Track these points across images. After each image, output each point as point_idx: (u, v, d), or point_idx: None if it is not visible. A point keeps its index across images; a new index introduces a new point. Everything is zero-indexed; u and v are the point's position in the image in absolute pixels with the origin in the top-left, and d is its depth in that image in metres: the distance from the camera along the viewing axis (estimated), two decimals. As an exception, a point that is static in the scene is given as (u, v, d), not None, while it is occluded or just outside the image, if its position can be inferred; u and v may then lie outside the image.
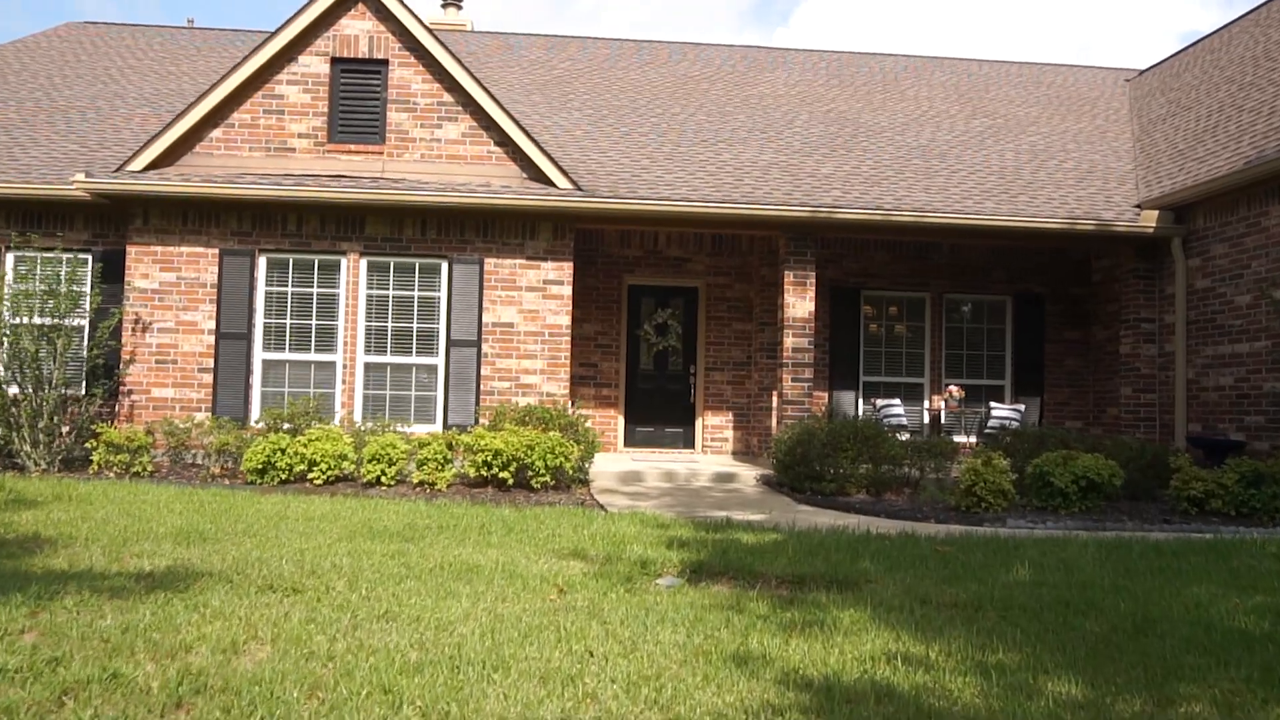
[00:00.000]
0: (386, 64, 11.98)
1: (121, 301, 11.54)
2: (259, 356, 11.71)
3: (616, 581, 5.76)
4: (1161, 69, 17.61)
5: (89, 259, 12.03)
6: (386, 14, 11.87)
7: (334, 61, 11.95)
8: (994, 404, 14.00)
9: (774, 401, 13.01)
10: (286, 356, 11.75)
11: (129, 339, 11.53)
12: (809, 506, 9.78)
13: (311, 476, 10.00)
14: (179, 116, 11.64)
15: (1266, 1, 15.93)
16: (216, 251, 11.69)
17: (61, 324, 10.85)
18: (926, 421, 14.24)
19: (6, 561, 5.75)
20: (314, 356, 11.77)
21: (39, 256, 11.67)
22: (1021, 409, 13.75)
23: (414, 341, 11.85)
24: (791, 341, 12.18)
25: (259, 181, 11.50)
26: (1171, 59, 17.64)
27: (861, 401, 14.16)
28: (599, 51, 18.30)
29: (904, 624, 4.86)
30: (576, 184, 11.81)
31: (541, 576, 5.84)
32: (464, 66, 11.90)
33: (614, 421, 14.21)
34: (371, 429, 10.91)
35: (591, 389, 14.12)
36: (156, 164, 11.57)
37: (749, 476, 11.58)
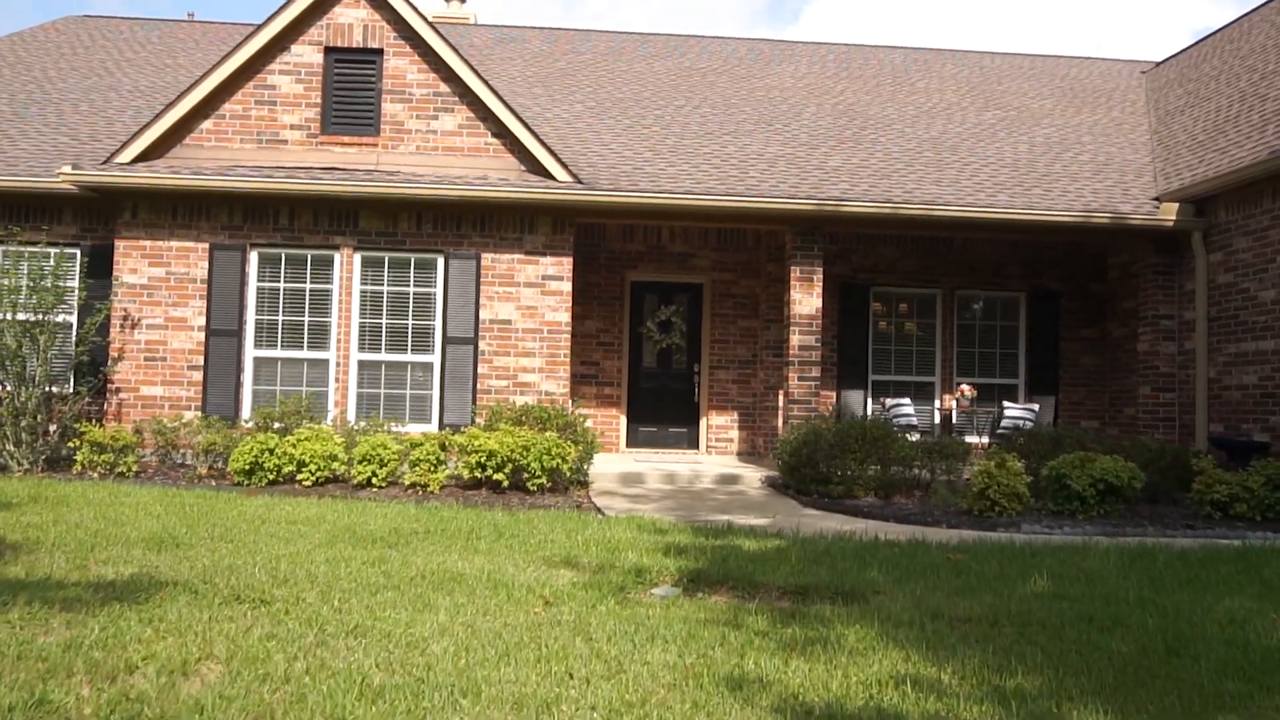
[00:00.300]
0: (381, 53, 11.65)
1: (109, 297, 11.23)
2: (250, 354, 11.39)
3: (607, 592, 5.41)
4: (1179, 60, 17.15)
5: (77, 254, 11.73)
6: (381, 2, 11.53)
7: (327, 51, 11.62)
8: (1007, 404, 13.59)
9: (780, 401, 12.64)
10: (278, 354, 11.43)
11: (117, 335, 11.23)
12: (815, 510, 9.41)
13: (300, 478, 9.67)
14: (168, 107, 11.33)
15: (1288, -11, 15.47)
16: (207, 246, 11.38)
17: (45, 320, 10.54)
18: (937, 422, 13.84)
19: (-39, 569, 5.44)
20: (306, 354, 11.45)
21: (25, 251, 11.37)
22: (1035, 409, 13.34)
23: (409, 339, 11.52)
24: (798, 339, 11.80)
25: (250, 174, 11.18)
26: (1189, 50, 17.19)
27: (870, 401, 13.77)
28: (603, 44, 17.94)
29: (914, 642, 4.50)
30: (576, 176, 11.46)
31: (528, 587, 5.49)
32: (461, 56, 11.56)
33: (616, 421, 13.85)
34: (364, 429, 10.58)
35: (593, 388, 13.77)
36: (145, 156, 11.26)
37: (754, 478, 11.21)
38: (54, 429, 10.60)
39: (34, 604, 4.62)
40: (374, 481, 9.64)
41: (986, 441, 12.97)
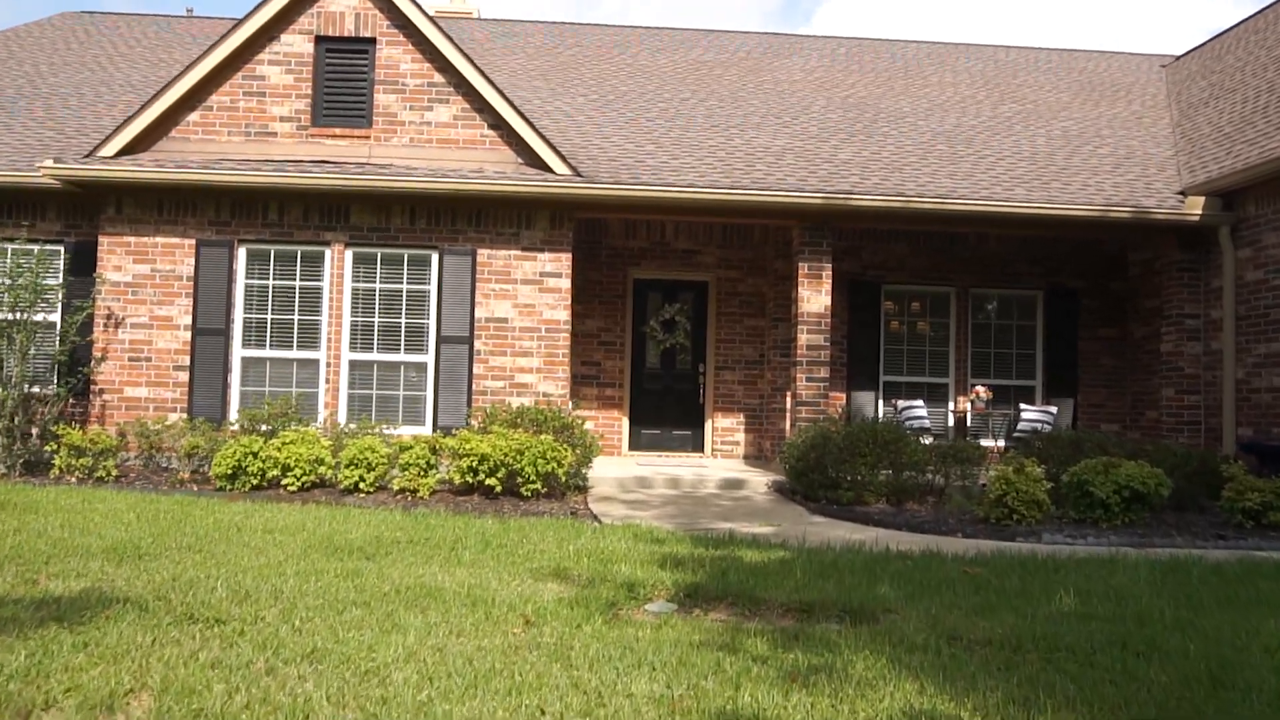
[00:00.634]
0: (374, 43, 11.25)
1: (93, 295, 10.86)
2: (238, 354, 11.00)
3: (595, 610, 4.98)
4: (1201, 52, 16.63)
5: (60, 250, 11.37)
6: (374, -11, 11.15)
7: (318, 40, 11.23)
8: (1024, 406, 13.10)
9: (788, 403, 12.18)
10: (267, 354, 11.04)
11: (100, 335, 10.86)
12: (823, 517, 8.95)
13: (285, 483, 9.27)
14: (153, 99, 10.96)
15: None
16: (193, 242, 10.99)
17: (24, 319, 10.18)
18: (951, 424, 13.36)
19: (-102, 584, 5.05)
20: (296, 354, 11.05)
21: (8, 248, 11.01)
22: (1053, 411, 12.84)
23: (402, 338, 11.11)
24: (805, 338, 11.35)
25: (238, 167, 10.79)
26: (1210, 42, 16.66)
27: (881, 403, 13.30)
28: (607, 38, 17.52)
29: (929, 670, 4.05)
30: (576, 170, 11.04)
31: (509, 604, 5.06)
32: (456, 45, 11.16)
33: (618, 423, 13.42)
34: (354, 431, 10.17)
35: (594, 389, 13.34)
36: (130, 149, 10.89)
37: (760, 483, 10.76)
38: (35, 431, 10.24)
39: (-37, 625, 4.23)
40: (361, 487, 9.23)
41: (1002, 445, 12.49)
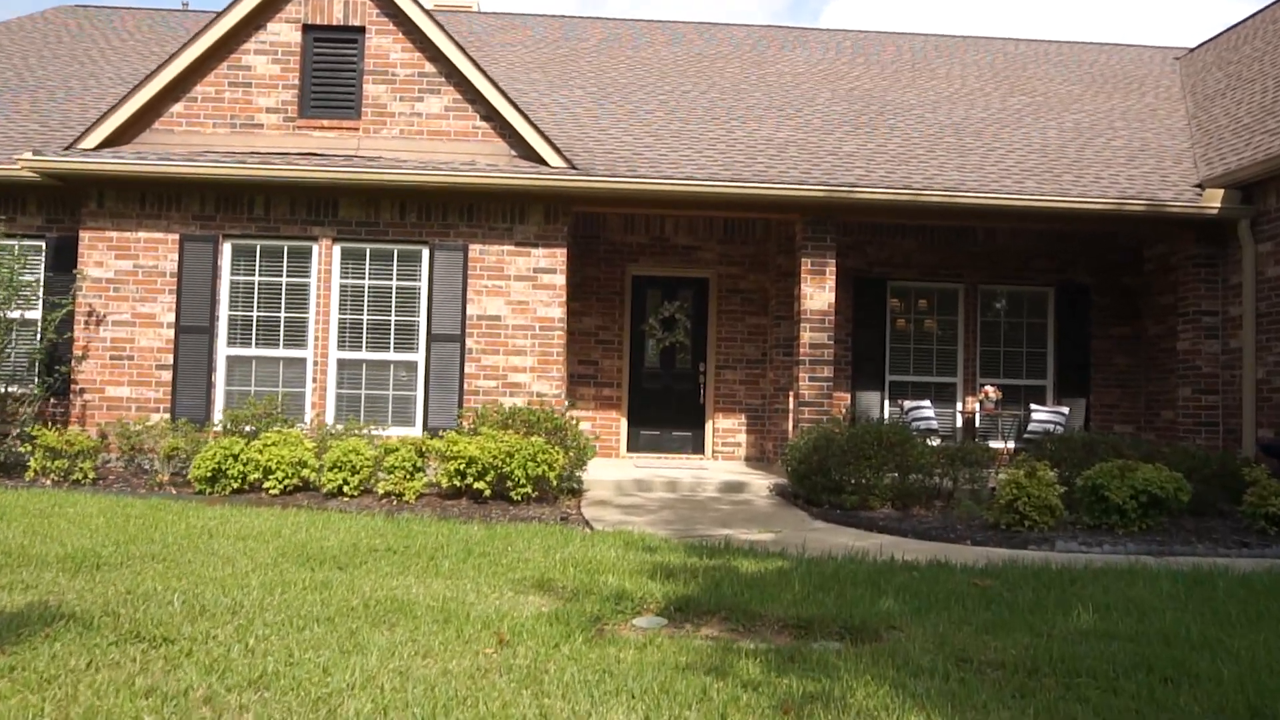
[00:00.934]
0: (363, 31, 10.91)
1: (74, 292, 10.54)
2: (223, 352, 10.67)
3: (577, 627, 4.62)
4: (1216, 43, 16.20)
5: (42, 245, 11.05)
6: (363, -24, 10.82)
7: (306, 29, 10.89)
8: (1034, 406, 12.71)
9: (790, 403, 11.81)
10: (253, 352, 10.71)
11: (81, 333, 10.53)
12: (825, 523, 8.58)
13: (267, 486, 8.93)
14: (135, 89, 10.63)
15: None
16: (177, 237, 10.67)
17: (1, 315, 9.86)
18: (959, 425, 12.97)
19: None
20: (283, 352, 10.72)
21: (-13, 243, 10.69)
22: (1065, 412, 12.44)
23: (391, 336, 10.77)
24: (809, 336, 10.98)
25: (223, 159, 10.46)
26: (1226, 33, 16.23)
27: (887, 403, 12.92)
28: (608, 30, 17.16)
29: (936, 699, 3.68)
30: (571, 162, 10.68)
31: (485, 620, 4.71)
32: (447, 34, 10.81)
33: (616, 424, 13.06)
34: (340, 432, 9.83)
35: (592, 389, 12.98)
36: (111, 141, 10.57)
37: (761, 486, 10.39)
38: (14, 432, 9.92)
39: (-117, 645, 3.89)
40: (345, 490, 8.88)
41: (1012, 447, 12.10)
